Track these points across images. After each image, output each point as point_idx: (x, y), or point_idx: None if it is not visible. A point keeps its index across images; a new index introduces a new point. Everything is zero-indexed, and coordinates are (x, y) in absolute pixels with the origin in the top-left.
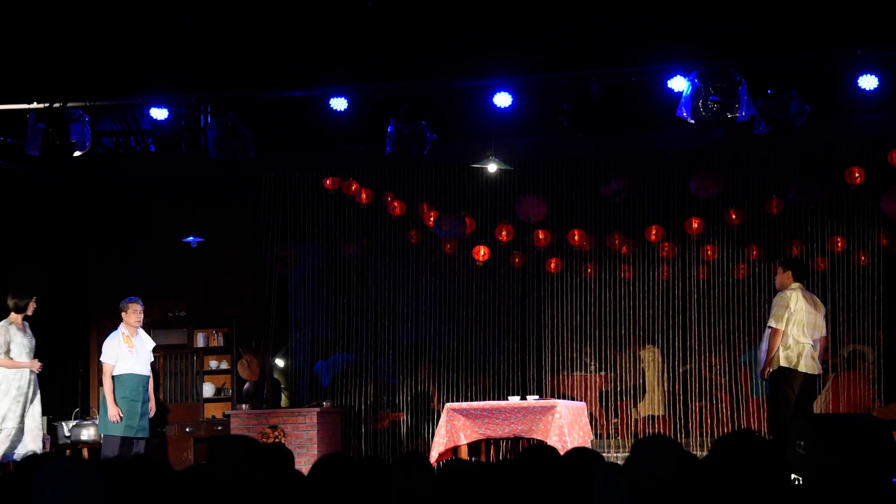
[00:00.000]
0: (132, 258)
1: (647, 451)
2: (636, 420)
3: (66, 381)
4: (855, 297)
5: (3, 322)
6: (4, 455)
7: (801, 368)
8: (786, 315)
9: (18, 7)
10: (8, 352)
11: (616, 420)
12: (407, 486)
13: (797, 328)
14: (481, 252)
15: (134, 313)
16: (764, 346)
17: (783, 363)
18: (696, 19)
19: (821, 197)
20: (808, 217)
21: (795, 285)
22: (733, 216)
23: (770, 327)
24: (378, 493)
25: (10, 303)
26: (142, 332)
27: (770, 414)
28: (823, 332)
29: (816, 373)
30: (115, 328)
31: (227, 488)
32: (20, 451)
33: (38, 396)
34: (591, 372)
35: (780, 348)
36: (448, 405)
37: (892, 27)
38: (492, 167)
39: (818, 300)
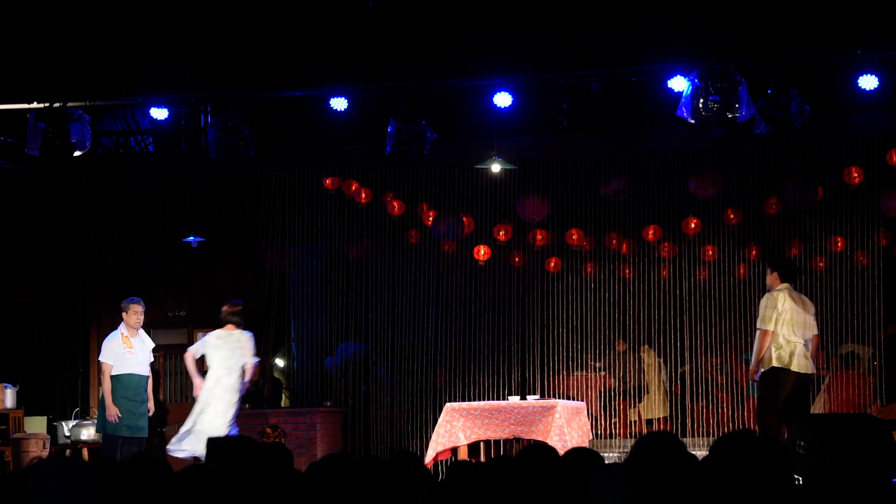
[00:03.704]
0: (132, 258)
1: (651, 448)
2: (636, 420)
3: (66, 380)
4: (854, 297)
5: (248, 332)
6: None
7: (794, 368)
8: (773, 316)
9: (18, 7)
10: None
11: (616, 420)
12: (401, 487)
13: (787, 328)
14: (481, 252)
15: (134, 314)
16: (756, 347)
17: (775, 363)
18: (696, 19)
19: (816, 197)
20: (807, 217)
21: (783, 286)
22: (732, 216)
23: (758, 329)
24: (376, 494)
25: (232, 314)
26: (142, 332)
27: (758, 414)
28: (815, 331)
29: (810, 372)
30: (115, 328)
31: (225, 488)
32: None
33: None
34: (597, 371)
35: (772, 348)
36: (447, 405)
37: (892, 27)
38: (495, 167)
39: (807, 299)
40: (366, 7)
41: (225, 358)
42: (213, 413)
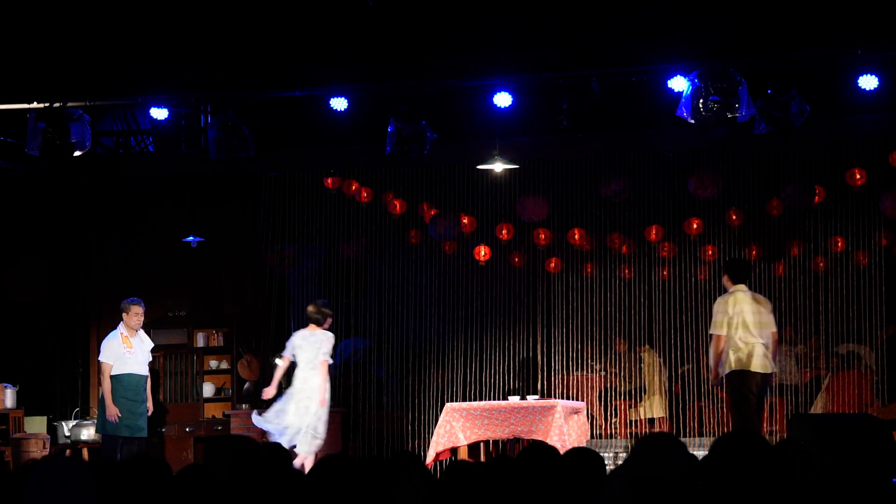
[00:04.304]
0: (132, 258)
1: (651, 448)
2: (636, 420)
3: (66, 380)
4: (854, 297)
5: (319, 332)
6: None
7: (755, 368)
8: (724, 320)
9: (18, 7)
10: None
11: (616, 420)
12: (401, 487)
13: (742, 330)
14: (482, 252)
15: (135, 315)
16: (711, 352)
17: (735, 366)
18: (696, 19)
19: (814, 198)
20: (808, 217)
21: (736, 287)
22: (733, 216)
23: (711, 334)
24: (376, 494)
25: (316, 315)
26: (141, 332)
27: (733, 419)
28: (773, 328)
29: (770, 371)
30: (115, 328)
31: (225, 488)
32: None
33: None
34: (597, 371)
35: (730, 352)
36: (447, 405)
37: (892, 27)
38: (498, 167)
39: (762, 298)
40: (366, 7)
41: (309, 359)
42: (304, 411)
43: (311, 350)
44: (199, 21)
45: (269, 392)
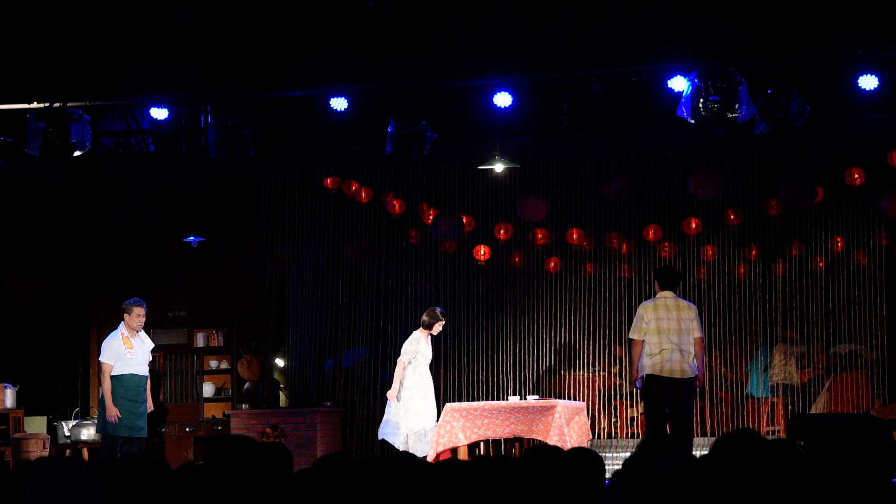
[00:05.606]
0: (132, 258)
1: (652, 449)
2: (636, 420)
3: (66, 380)
4: (854, 297)
5: (416, 333)
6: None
7: (666, 374)
8: (641, 325)
9: (18, 7)
10: (411, 361)
11: (616, 420)
12: (401, 487)
13: (656, 336)
14: (482, 251)
15: (137, 317)
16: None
17: (649, 371)
18: (696, 19)
19: (814, 198)
20: (807, 217)
21: (661, 294)
22: (732, 216)
23: (630, 339)
24: (376, 494)
25: (424, 319)
26: (142, 332)
27: (645, 417)
28: (697, 334)
29: (683, 376)
30: (115, 328)
31: (225, 488)
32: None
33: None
34: (594, 371)
35: (646, 357)
36: (447, 405)
37: (892, 27)
38: (498, 167)
39: (685, 303)
40: (366, 7)
41: (426, 357)
42: (426, 408)
43: (428, 351)
44: (199, 21)
45: (391, 394)
